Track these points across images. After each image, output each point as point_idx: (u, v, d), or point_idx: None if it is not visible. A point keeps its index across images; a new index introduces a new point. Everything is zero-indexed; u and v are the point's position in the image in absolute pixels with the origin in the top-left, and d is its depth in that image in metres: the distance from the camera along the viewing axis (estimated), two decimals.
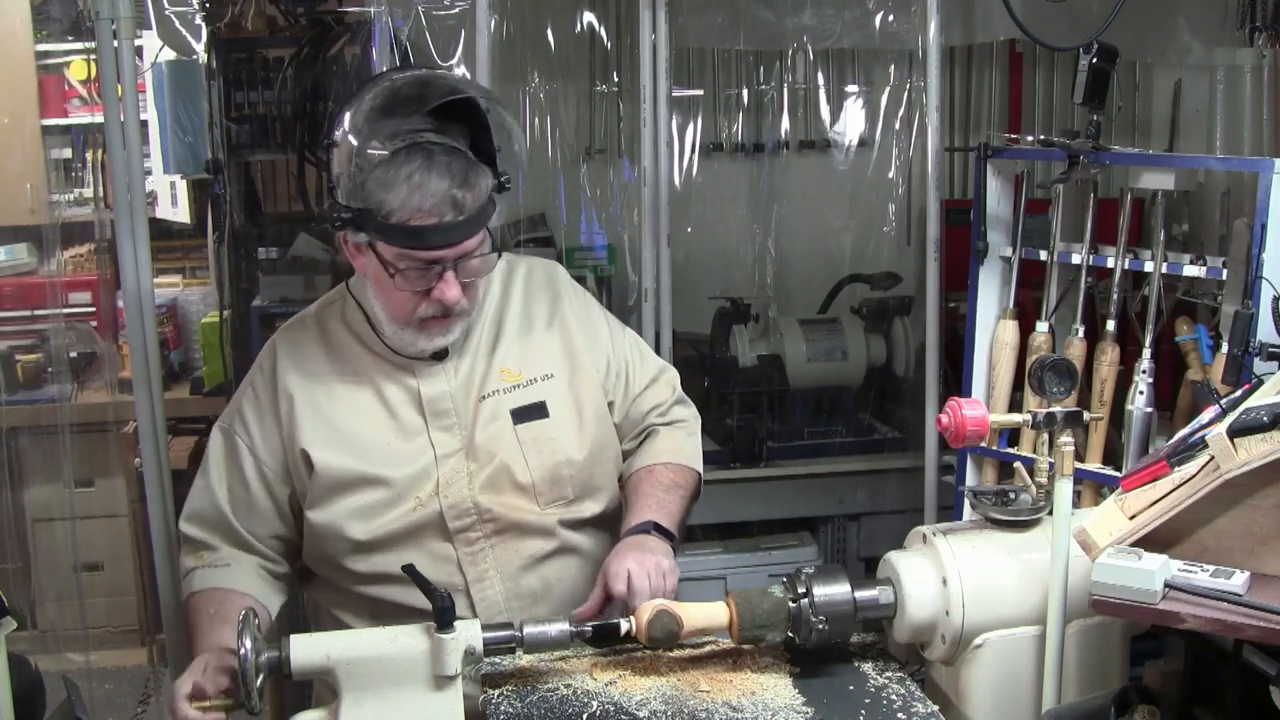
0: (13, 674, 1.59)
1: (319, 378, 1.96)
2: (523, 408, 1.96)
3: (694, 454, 2.13)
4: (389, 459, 1.92)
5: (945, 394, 2.78)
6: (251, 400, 1.98)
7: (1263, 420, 1.44)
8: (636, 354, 2.13)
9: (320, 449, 1.91)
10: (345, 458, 1.91)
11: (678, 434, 2.13)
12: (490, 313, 2.00)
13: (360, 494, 1.91)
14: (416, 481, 1.92)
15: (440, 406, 1.94)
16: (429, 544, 1.93)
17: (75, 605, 3.73)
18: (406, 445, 1.93)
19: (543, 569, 1.97)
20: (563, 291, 2.07)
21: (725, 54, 3.63)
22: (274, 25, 3.17)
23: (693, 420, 2.18)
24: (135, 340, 2.68)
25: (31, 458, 3.82)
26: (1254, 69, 3.03)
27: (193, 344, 4.41)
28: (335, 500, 1.91)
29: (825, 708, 1.64)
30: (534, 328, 2.01)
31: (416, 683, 1.61)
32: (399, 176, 1.72)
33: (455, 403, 1.94)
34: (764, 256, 3.57)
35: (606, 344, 2.07)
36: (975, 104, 3.89)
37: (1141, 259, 2.44)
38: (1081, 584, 1.56)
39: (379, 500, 1.91)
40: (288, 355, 1.98)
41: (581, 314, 2.07)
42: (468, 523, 1.92)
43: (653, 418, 2.12)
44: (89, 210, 4.31)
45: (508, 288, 2.03)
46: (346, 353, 1.97)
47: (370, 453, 1.92)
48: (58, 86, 4.64)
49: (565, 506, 1.98)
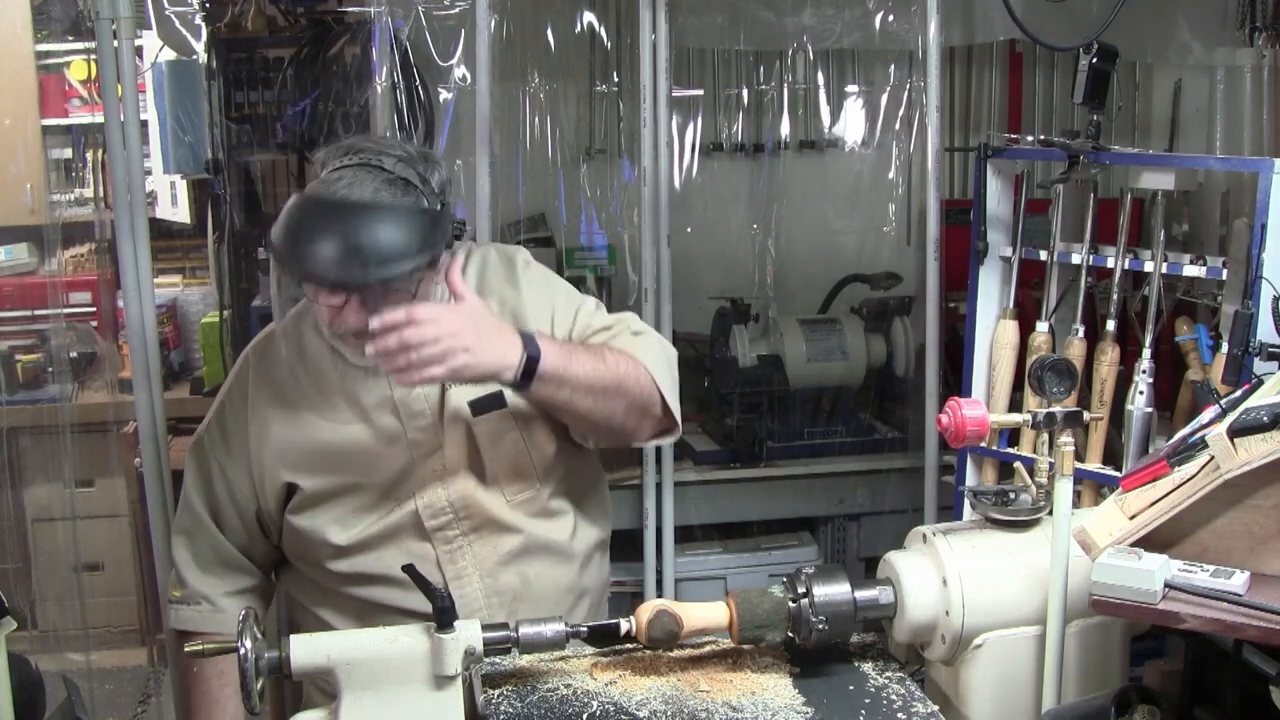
0: (13, 674, 1.58)
1: (292, 392, 1.96)
2: (482, 398, 1.93)
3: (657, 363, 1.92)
4: (368, 466, 1.92)
5: (945, 394, 2.78)
6: (222, 417, 2.01)
7: (1263, 420, 1.44)
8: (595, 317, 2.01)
9: (297, 473, 1.93)
10: (322, 473, 1.92)
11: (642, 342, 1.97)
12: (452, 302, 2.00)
13: (340, 502, 1.93)
14: (394, 484, 1.93)
15: (414, 408, 1.94)
16: (407, 544, 1.94)
17: (75, 605, 3.73)
18: (386, 450, 1.93)
19: (520, 565, 1.97)
20: (520, 275, 2.02)
21: (725, 54, 3.63)
22: (274, 25, 3.17)
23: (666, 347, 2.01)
24: (135, 340, 2.68)
25: (31, 458, 3.82)
26: (1254, 69, 3.03)
27: (193, 344, 4.40)
28: (316, 509, 1.93)
29: (825, 708, 1.64)
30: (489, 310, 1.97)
31: (416, 683, 1.60)
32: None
33: (429, 402, 1.94)
34: (764, 256, 3.56)
35: (567, 319, 1.99)
36: (975, 104, 3.89)
37: (1141, 259, 2.44)
38: (1081, 584, 1.56)
39: (359, 505, 1.93)
40: (261, 372, 2.00)
41: (541, 294, 2.01)
42: (444, 521, 1.93)
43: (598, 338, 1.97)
44: (89, 210, 4.30)
45: (468, 274, 2.00)
46: (320, 362, 1.97)
47: (348, 462, 1.92)
48: (58, 86, 4.64)
49: (532, 499, 1.98)
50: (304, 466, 1.94)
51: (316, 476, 1.93)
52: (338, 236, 1.72)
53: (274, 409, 1.97)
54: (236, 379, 2.03)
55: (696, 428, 3.42)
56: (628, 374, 1.88)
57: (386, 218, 1.73)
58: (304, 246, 1.74)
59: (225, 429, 2.00)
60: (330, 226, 1.73)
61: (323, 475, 1.93)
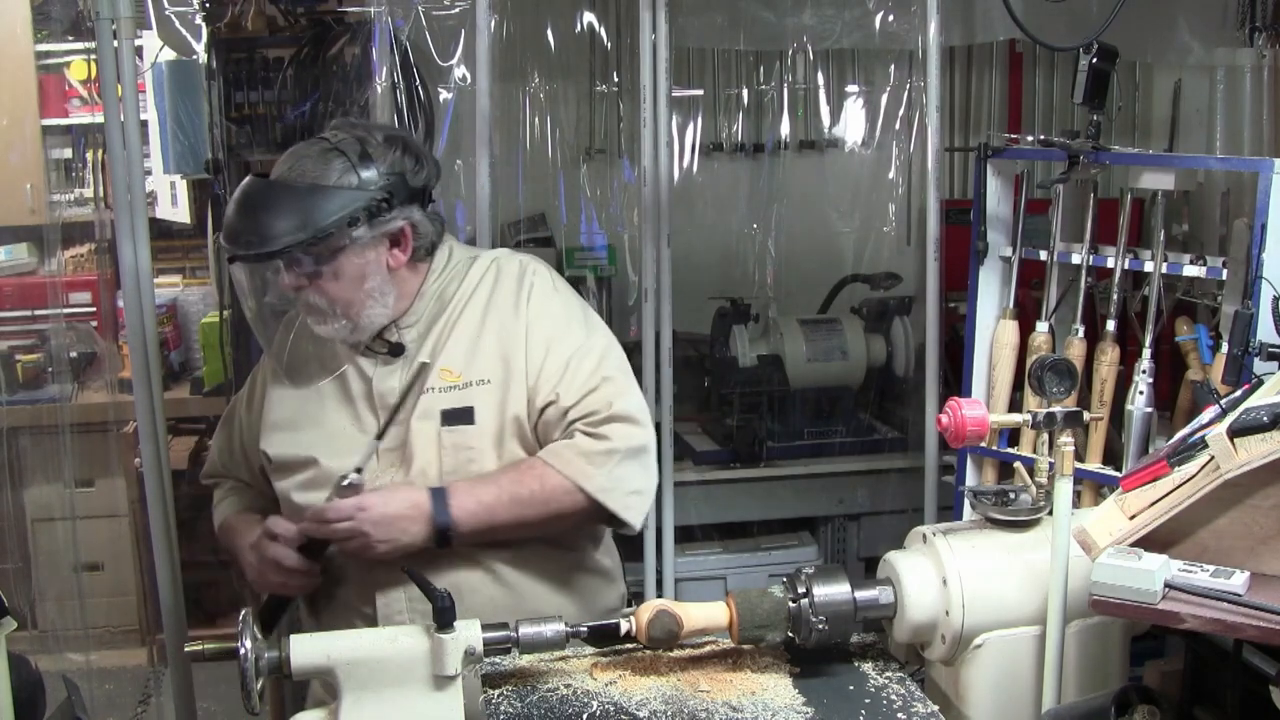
0: (13, 674, 1.59)
1: (297, 364, 2.06)
2: (453, 410, 1.95)
3: (583, 469, 1.91)
4: (333, 445, 1.98)
5: (945, 394, 2.78)
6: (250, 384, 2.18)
7: (1263, 420, 1.44)
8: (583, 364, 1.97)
9: (269, 440, 2.04)
10: (294, 442, 2.01)
11: (587, 443, 1.94)
12: (456, 309, 2.01)
13: (302, 473, 2.00)
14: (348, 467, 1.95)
15: (389, 401, 1.97)
16: None
17: (75, 605, 3.73)
18: (360, 435, 1.99)
19: (454, 578, 1.92)
20: (525, 290, 2.01)
21: (725, 54, 3.63)
22: (274, 25, 3.16)
23: (619, 439, 1.94)
24: (135, 340, 2.68)
25: (32, 458, 3.82)
26: (1254, 69, 3.03)
27: (193, 344, 4.41)
28: (284, 475, 2.02)
29: (825, 708, 1.64)
30: (488, 328, 1.99)
31: (416, 683, 1.61)
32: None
33: (405, 398, 1.97)
34: (764, 256, 3.56)
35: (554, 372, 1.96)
36: (975, 104, 3.90)
37: (1141, 259, 2.44)
38: (1081, 584, 1.56)
39: (315, 476, 1.98)
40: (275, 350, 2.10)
41: (535, 314, 1.99)
42: None
43: (580, 425, 1.95)
44: (89, 210, 4.31)
45: (479, 285, 2.03)
46: (322, 343, 2.04)
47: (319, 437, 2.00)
48: (58, 86, 4.64)
49: None
50: (273, 434, 2.04)
51: (282, 446, 2.03)
52: (246, 215, 1.88)
53: (275, 378, 2.08)
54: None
55: (696, 428, 3.42)
56: (556, 501, 1.92)
57: (288, 194, 1.87)
58: (226, 227, 1.90)
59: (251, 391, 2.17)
60: (243, 206, 1.89)
61: (287, 446, 2.02)
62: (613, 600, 2.15)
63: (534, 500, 1.91)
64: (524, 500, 1.91)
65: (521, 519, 1.92)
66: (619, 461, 1.94)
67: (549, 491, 1.92)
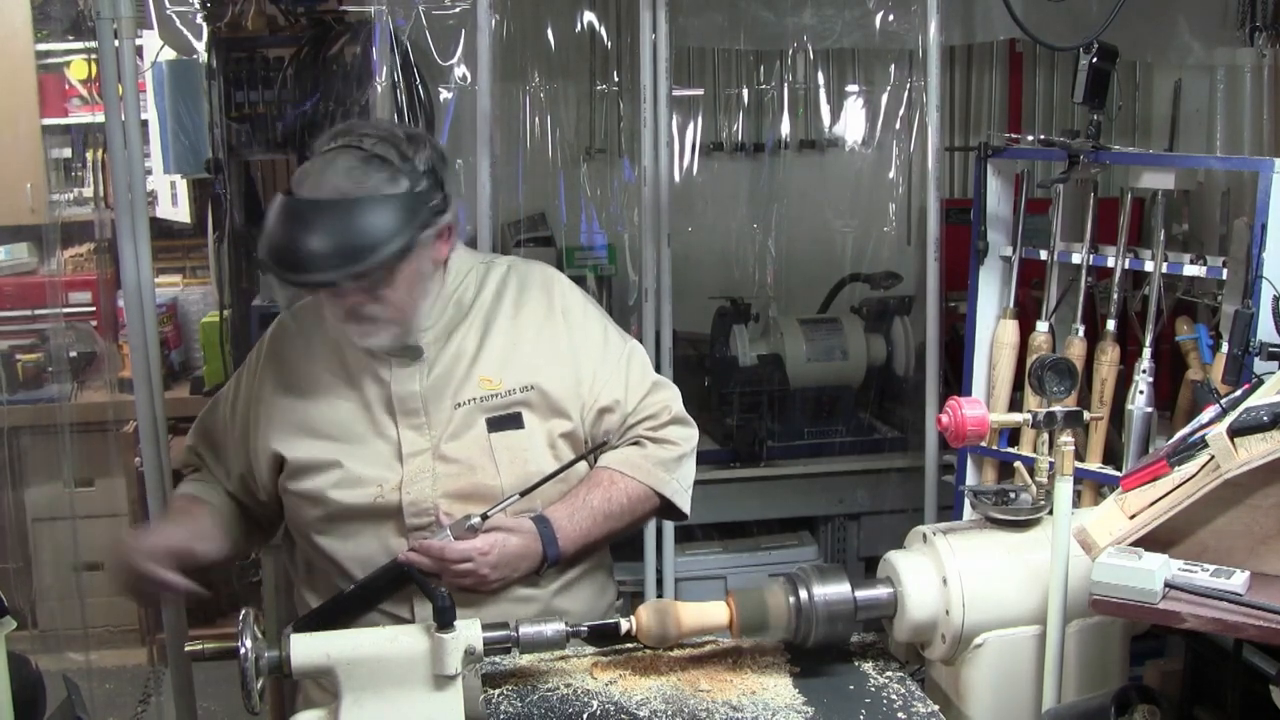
0: (13, 674, 1.58)
1: (301, 365, 2.02)
2: (499, 417, 1.96)
3: (661, 476, 2.04)
4: (356, 450, 1.95)
5: (945, 394, 2.78)
6: (234, 389, 2.09)
7: (1263, 420, 1.44)
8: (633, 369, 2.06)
9: (285, 443, 1.98)
10: (314, 446, 1.96)
11: (658, 451, 2.05)
12: (479, 317, 2.00)
13: (328, 473, 1.96)
14: (380, 472, 1.94)
15: (410, 406, 1.95)
16: (384, 534, 1.95)
17: (75, 605, 3.73)
18: (377, 439, 1.96)
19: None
20: (557, 301, 2.04)
21: (725, 54, 3.64)
22: (274, 25, 3.16)
23: (684, 442, 2.10)
24: (135, 340, 2.69)
25: (32, 457, 3.83)
26: (1254, 69, 3.03)
27: (193, 344, 4.41)
28: (306, 477, 1.97)
29: (825, 708, 1.64)
30: (522, 337, 2.00)
31: (416, 683, 1.60)
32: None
33: (426, 403, 1.95)
34: (764, 256, 3.56)
35: (597, 356, 2.02)
36: (975, 104, 3.90)
37: (1141, 259, 2.44)
38: (1081, 584, 1.56)
39: (343, 478, 1.95)
40: (275, 346, 2.06)
41: (576, 324, 2.03)
42: (425, 522, 1.93)
43: (642, 429, 2.05)
44: (89, 210, 4.31)
45: (500, 292, 2.02)
46: (333, 346, 2.00)
47: (340, 441, 1.96)
48: (58, 86, 4.63)
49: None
50: (291, 438, 1.98)
51: (306, 444, 1.97)
52: (310, 239, 1.76)
53: (277, 381, 2.02)
54: (254, 351, 2.10)
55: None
56: (639, 509, 2.03)
57: (354, 211, 1.77)
58: (282, 254, 1.79)
59: (234, 403, 2.08)
60: (302, 229, 1.77)
61: (312, 444, 1.97)
62: (610, 599, 2.17)
63: (623, 514, 2.01)
64: (614, 515, 2.00)
65: (611, 532, 2.02)
66: (684, 462, 2.09)
67: (634, 502, 2.02)
